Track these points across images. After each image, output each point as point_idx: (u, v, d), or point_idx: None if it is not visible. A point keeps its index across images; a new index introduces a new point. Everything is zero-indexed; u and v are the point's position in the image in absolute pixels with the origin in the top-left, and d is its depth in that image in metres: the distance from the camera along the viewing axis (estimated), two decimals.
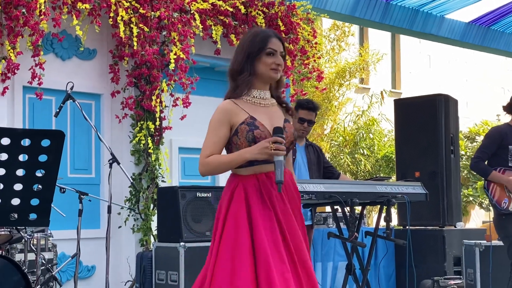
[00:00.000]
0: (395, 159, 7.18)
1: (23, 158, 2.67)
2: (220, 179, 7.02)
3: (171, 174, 6.61)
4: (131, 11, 6.04)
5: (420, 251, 6.01)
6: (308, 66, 7.23)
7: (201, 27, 6.34)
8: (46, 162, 2.55)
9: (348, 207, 4.17)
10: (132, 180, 5.63)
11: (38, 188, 2.64)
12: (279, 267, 2.56)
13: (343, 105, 12.22)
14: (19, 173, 2.70)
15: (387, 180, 4.95)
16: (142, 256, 5.67)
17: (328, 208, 5.32)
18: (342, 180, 5.00)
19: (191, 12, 6.31)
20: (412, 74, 16.62)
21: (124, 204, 6.06)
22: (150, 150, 6.20)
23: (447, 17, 9.46)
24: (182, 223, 5.27)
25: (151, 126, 6.19)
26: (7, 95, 5.65)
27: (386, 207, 4.38)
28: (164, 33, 6.21)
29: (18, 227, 4.04)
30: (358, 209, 4.84)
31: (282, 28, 6.89)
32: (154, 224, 6.12)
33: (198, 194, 5.40)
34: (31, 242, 4.62)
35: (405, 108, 6.84)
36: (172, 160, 6.70)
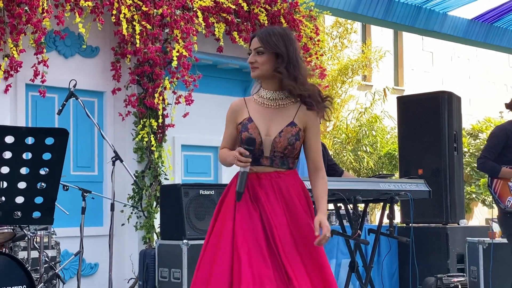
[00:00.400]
0: (398, 156, 7.17)
1: (27, 156, 2.66)
2: (223, 177, 7.03)
3: (174, 172, 6.61)
4: (134, 9, 6.03)
5: (423, 249, 6.00)
6: (311, 64, 7.22)
7: (203, 24, 6.33)
8: (50, 160, 2.54)
9: (351, 205, 4.17)
10: (135, 178, 5.63)
11: (42, 186, 2.63)
12: (255, 265, 2.58)
13: (346, 102, 12.20)
14: (23, 171, 2.69)
15: (390, 178, 4.94)
16: (145, 253, 5.67)
17: (331, 206, 5.31)
18: (345, 177, 5.00)
19: (194, 9, 6.31)
20: (415, 71, 16.59)
21: (127, 202, 6.06)
22: (153, 148, 6.20)
23: (450, 14, 9.44)
24: (185, 221, 5.27)
25: (154, 124, 6.19)
26: (10, 92, 5.65)
27: (389, 205, 4.37)
28: (166, 30, 6.20)
29: (22, 225, 4.04)
30: (361, 206, 4.83)
31: (285, 25, 6.88)
32: (157, 222, 6.12)
33: (201, 192, 5.40)
34: (34, 240, 4.62)
35: (408, 105, 6.82)
36: (175, 157, 6.70)
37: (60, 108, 4.71)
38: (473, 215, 14.41)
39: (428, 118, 6.57)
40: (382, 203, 4.54)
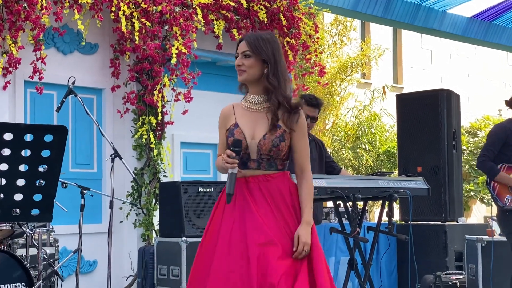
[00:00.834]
0: (397, 154, 7.18)
1: (26, 153, 2.65)
2: (222, 174, 7.02)
3: (173, 169, 6.61)
4: (133, 6, 6.02)
5: (422, 246, 6.01)
6: (310, 61, 7.21)
7: (203, 21, 6.32)
8: (49, 158, 2.53)
9: (350, 202, 4.17)
10: (134, 175, 5.62)
11: (41, 183, 2.62)
12: (225, 265, 2.66)
13: (345, 100, 12.19)
14: (22, 168, 2.68)
15: (389, 175, 4.94)
16: (144, 251, 5.67)
17: (330, 203, 5.31)
18: (344, 175, 4.99)
19: (193, 6, 6.30)
20: (414, 69, 16.58)
21: (126, 199, 6.06)
22: (152, 145, 6.20)
23: (449, 12, 9.44)
24: (184, 218, 5.27)
25: (153, 121, 6.18)
26: (8, 89, 5.64)
27: (388, 202, 4.38)
28: (166, 27, 6.19)
29: (20, 222, 4.04)
30: (360, 204, 4.84)
31: (284, 22, 6.87)
32: (156, 219, 6.12)
33: (200, 189, 5.40)
34: (33, 237, 4.62)
35: (407, 103, 6.83)
36: (174, 155, 6.70)
37: (59, 105, 4.70)
38: (471, 213, 14.43)
39: (427, 116, 6.57)
40: (381, 201, 4.54)
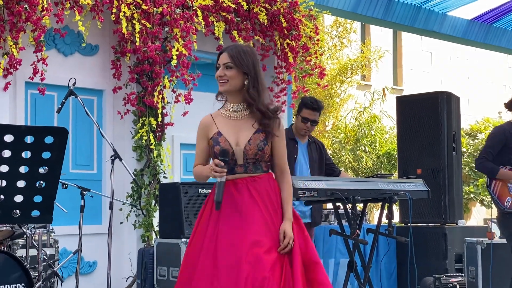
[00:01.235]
0: (397, 156, 7.18)
1: (26, 155, 2.65)
2: None
3: (173, 170, 6.62)
4: (134, 7, 6.03)
5: (422, 249, 6.01)
6: (310, 63, 7.22)
7: (203, 23, 6.33)
8: (49, 159, 2.54)
9: (350, 204, 4.17)
10: (134, 176, 5.63)
11: (41, 184, 2.63)
12: (208, 271, 2.77)
13: (345, 101, 12.20)
14: (22, 170, 2.68)
15: (388, 177, 4.94)
16: (144, 252, 5.67)
17: (330, 205, 5.31)
18: (344, 177, 5.00)
19: (194, 8, 6.31)
20: (414, 71, 16.60)
21: (126, 200, 6.06)
22: (152, 146, 6.20)
23: (449, 14, 9.45)
24: (184, 219, 5.28)
25: (153, 122, 6.19)
26: (9, 90, 5.65)
27: (388, 205, 4.38)
28: (166, 29, 6.20)
29: (20, 223, 4.04)
30: (360, 206, 4.84)
31: (285, 24, 6.88)
32: (155, 220, 6.12)
33: (200, 190, 5.41)
34: (33, 238, 4.62)
35: (407, 105, 6.83)
36: (174, 156, 6.70)
37: (60, 106, 4.70)
38: (471, 215, 14.43)
39: (427, 118, 6.57)
40: (380, 203, 4.54)
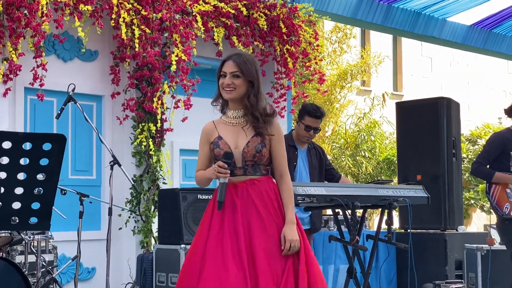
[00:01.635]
0: (396, 162, 7.17)
1: (24, 161, 2.65)
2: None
3: (172, 176, 6.60)
4: (133, 13, 6.03)
5: (422, 255, 6.00)
6: (310, 69, 7.21)
7: (202, 29, 6.33)
8: (47, 166, 2.54)
9: (350, 210, 4.16)
10: (133, 182, 5.62)
11: (39, 191, 2.62)
12: (215, 268, 2.83)
13: (345, 107, 12.20)
14: (20, 176, 2.68)
15: (388, 183, 4.93)
16: (143, 258, 5.66)
17: (330, 211, 5.30)
18: (343, 182, 4.99)
19: (193, 14, 6.31)
20: (414, 77, 16.60)
21: (125, 206, 6.05)
22: (151, 152, 6.20)
23: (449, 20, 9.45)
24: (183, 225, 5.26)
25: (152, 128, 6.18)
26: (8, 96, 5.64)
27: (388, 211, 4.37)
28: (165, 34, 6.20)
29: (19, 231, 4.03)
30: (359, 212, 4.83)
31: (284, 30, 6.88)
32: (155, 226, 6.11)
33: (199, 196, 5.39)
34: (32, 244, 4.61)
35: (407, 111, 6.83)
36: (173, 162, 6.69)
37: (59, 112, 4.71)
38: (471, 221, 14.40)
39: (426, 124, 6.57)
40: (380, 209, 4.53)
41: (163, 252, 5.37)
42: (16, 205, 2.67)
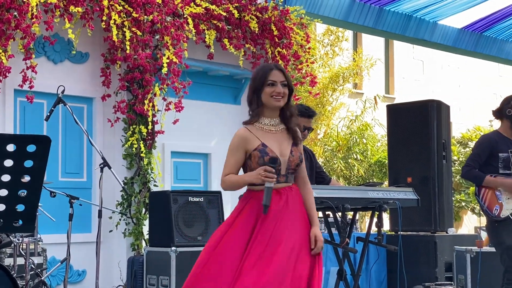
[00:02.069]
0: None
1: (9, 163, 2.63)
2: (212, 184, 7.01)
3: (163, 179, 6.59)
4: (124, 15, 6.02)
5: (412, 257, 6.01)
6: (302, 71, 7.23)
7: (194, 31, 6.33)
8: (32, 168, 2.52)
9: (340, 213, 4.17)
10: (123, 185, 5.61)
11: (23, 193, 2.60)
12: (250, 271, 2.91)
13: (337, 110, 12.22)
14: (5, 178, 2.65)
15: (379, 186, 4.94)
16: (133, 260, 5.64)
17: (320, 214, 5.30)
18: (333, 185, 5.00)
19: (184, 16, 6.31)
20: (406, 80, 16.65)
21: (116, 208, 6.03)
22: (142, 154, 6.18)
23: (440, 23, 9.49)
24: (174, 228, 5.25)
25: (144, 130, 6.17)
26: None
27: (378, 213, 4.38)
28: (157, 37, 6.20)
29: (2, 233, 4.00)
30: (350, 214, 4.84)
31: (276, 33, 6.89)
32: (145, 229, 6.09)
33: (190, 199, 5.39)
34: (21, 247, 4.59)
35: (397, 114, 6.85)
36: (165, 164, 6.68)
37: (48, 114, 4.69)
38: (462, 223, 14.45)
39: (417, 127, 6.59)
40: (371, 211, 4.54)
41: (153, 255, 5.36)
42: (1, 207, 2.65)
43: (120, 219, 6.15)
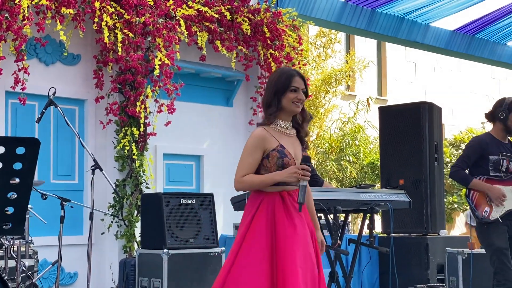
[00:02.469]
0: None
1: None
2: (204, 186, 7.00)
3: (155, 181, 6.58)
4: (116, 17, 6.01)
5: (404, 259, 6.02)
6: None
7: (186, 33, 6.33)
8: (21, 170, 2.51)
9: (332, 215, 4.18)
10: (115, 187, 5.59)
11: (12, 196, 2.59)
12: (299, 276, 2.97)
13: (329, 112, 12.23)
14: None
15: (371, 188, 4.96)
16: (125, 263, 5.63)
17: None
18: (326, 187, 5.00)
19: (176, 18, 6.30)
20: (398, 82, 16.70)
21: (108, 211, 6.01)
22: (134, 156, 6.17)
23: (432, 25, 9.52)
24: (166, 230, 5.24)
25: (136, 132, 6.16)
26: None
27: (369, 215, 4.39)
28: (149, 39, 6.19)
29: None
30: (342, 216, 4.84)
31: (268, 34, 6.90)
32: (137, 231, 6.08)
33: (182, 201, 5.38)
34: (12, 249, 4.57)
35: (389, 116, 6.87)
36: (157, 166, 6.67)
37: (39, 116, 4.67)
38: (455, 225, 14.49)
39: (409, 129, 6.61)
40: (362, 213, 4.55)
41: (145, 257, 5.35)
42: None
43: (112, 221, 6.13)
